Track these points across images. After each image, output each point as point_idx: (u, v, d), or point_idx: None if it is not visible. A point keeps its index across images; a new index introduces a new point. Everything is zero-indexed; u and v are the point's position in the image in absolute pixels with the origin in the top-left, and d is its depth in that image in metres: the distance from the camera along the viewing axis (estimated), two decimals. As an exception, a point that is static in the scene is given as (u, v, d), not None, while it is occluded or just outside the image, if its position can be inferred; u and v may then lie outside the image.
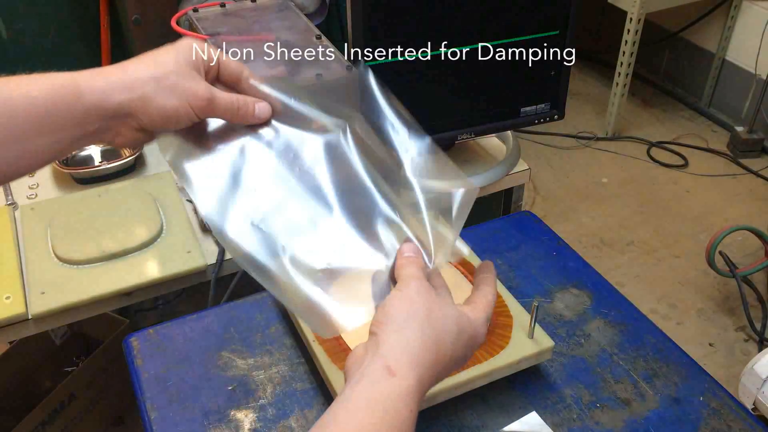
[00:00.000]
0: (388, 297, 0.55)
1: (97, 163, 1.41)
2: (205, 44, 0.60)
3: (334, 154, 0.64)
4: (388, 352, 0.52)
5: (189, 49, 0.59)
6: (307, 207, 0.61)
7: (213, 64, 0.61)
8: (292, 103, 0.64)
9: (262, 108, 0.62)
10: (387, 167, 0.65)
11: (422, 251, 0.60)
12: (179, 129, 0.61)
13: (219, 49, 0.62)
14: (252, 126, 0.63)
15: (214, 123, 0.63)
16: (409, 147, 0.68)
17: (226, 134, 0.62)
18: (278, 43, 1.20)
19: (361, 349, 0.54)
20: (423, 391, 0.53)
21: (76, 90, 0.55)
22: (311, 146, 0.64)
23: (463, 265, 1.01)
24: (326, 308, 0.57)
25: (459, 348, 0.56)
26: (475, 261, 1.01)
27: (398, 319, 0.53)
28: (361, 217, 0.62)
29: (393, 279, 0.59)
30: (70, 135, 0.56)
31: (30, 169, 0.58)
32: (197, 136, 0.62)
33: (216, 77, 0.62)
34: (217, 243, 1.18)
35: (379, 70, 1.22)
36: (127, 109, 0.57)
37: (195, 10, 1.29)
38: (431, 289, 0.57)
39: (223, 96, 0.60)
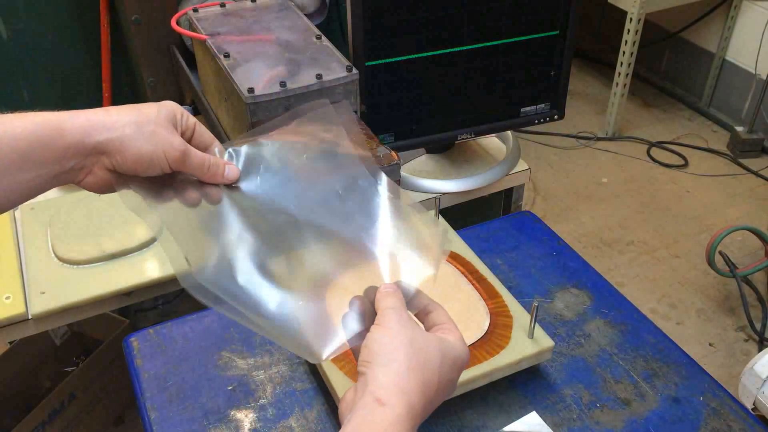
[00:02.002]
0: (369, 334, 0.56)
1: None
2: (184, 108, 0.64)
3: (307, 195, 0.67)
4: (377, 386, 0.53)
5: (171, 107, 0.62)
6: (283, 244, 0.64)
7: (189, 126, 0.64)
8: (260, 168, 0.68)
9: (231, 170, 0.65)
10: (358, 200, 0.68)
11: (401, 282, 0.62)
12: (145, 178, 0.62)
13: (195, 118, 0.65)
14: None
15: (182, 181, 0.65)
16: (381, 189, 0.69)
17: (193, 189, 0.65)
18: (278, 43, 1.20)
19: (351, 393, 0.55)
20: (415, 418, 0.53)
21: (58, 127, 0.57)
22: (285, 191, 0.67)
23: (464, 265, 1.01)
24: (305, 338, 0.59)
25: (445, 371, 0.56)
26: (476, 261, 1.01)
27: (382, 354, 0.54)
28: (339, 249, 0.65)
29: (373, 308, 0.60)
30: (50, 171, 0.57)
31: (10, 205, 0.59)
32: (160, 192, 0.64)
33: (189, 141, 0.64)
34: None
35: (379, 70, 1.22)
36: (105, 148, 0.58)
37: (195, 10, 1.29)
38: (411, 319, 0.58)
39: (197, 153, 0.63)
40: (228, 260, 0.62)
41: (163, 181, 0.64)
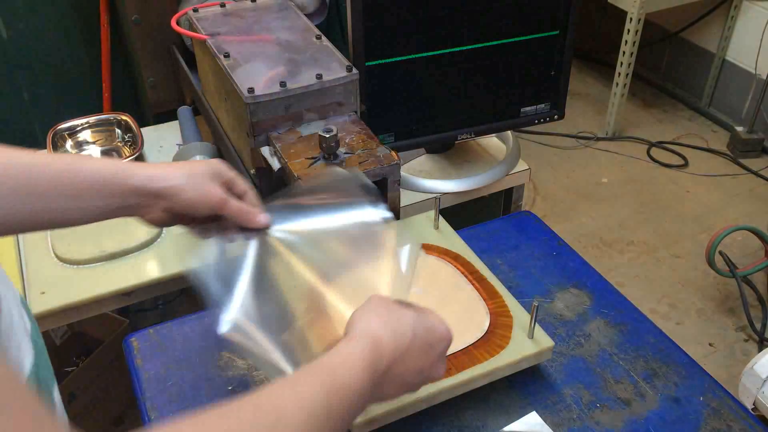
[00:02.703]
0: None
1: (97, 163, 1.41)
2: (226, 165, 0.79)
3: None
4: (350, 330, 0.65)
5: (216, 164, 0.78)
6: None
7: (229, 178, 0.79)
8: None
9: (263, 216, 0.80)
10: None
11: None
12: (192, 218, 0.79)
13: (234, 172, 0.81)
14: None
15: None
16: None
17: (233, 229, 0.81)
18: (278, 43, 1.20)
19: None
20: (380, 359, 0.62)
21: (130, 173, 0.73)
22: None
23: (464, 265, 1.01)
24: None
25: (420, 333, 0.66)
26: (476, 261, 1.01)
27: (360, 315, 0.66)
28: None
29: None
30: (116, 203, 0.73)
31: (82, 222, 0.74)
32: (206, 229, 0.81)
33: (230, 188, 0.79)
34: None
35: (380, 70, 1.22)
36: (163, 194, 0.74)
37: (195, 10, 1.29)
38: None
39: (234, 201, 0.78)
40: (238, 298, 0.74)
41: (208, 223, 0.81)
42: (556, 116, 1.42)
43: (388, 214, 0.81)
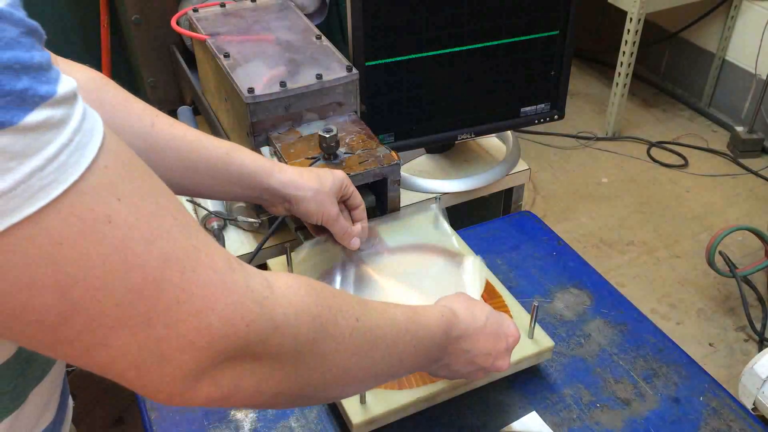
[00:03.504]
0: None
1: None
2: (347, 179, 0.93)
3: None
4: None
5: (341, 178, 0.91)
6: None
7: (349, 192, 0.93)
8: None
9: (355, 242, 0.95)
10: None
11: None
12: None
13: (354, 186, 0.95)
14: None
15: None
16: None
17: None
18: (278, 43, 1.20)
19: None
20: (452, 327, 0.69)
21: (270, 171, 0.86)
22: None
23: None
24: None
25: (492, 320, 0.75)
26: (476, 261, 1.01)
27: (444, 299, 0.77)
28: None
29: None
30: (249, 193, 0.87)
31: (223, 199, 1.07)
32: (318, 230, 0.97)
33: (347, 199, 0.94)
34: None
35: (380, 70, 1.22)
36: (290, 199, 0.87)
37: (195, 10, 1.29)
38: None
39: (342, 222, 0.92)
40: None
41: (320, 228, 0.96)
42: (556, 116, 1.42)
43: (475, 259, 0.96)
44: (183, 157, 0.80)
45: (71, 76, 0.39)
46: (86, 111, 0.39)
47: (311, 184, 0.87)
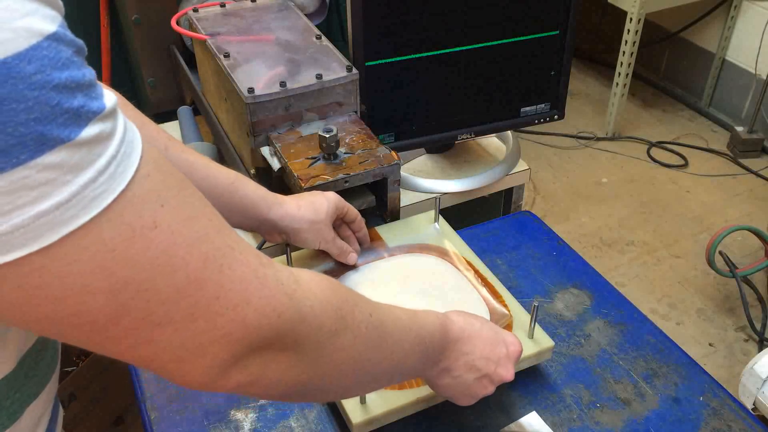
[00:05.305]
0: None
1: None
2: (338, 199, 0.95)
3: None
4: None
5: (334, 202, 0.94)
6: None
7: (344, 209, 0.96)
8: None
9: (351, 257, 0.98)
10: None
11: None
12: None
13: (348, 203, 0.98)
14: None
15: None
16: None
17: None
18: (278, 43, 1.20)
19: None
20: (449, 331, 0.71)
21: (270, 203, 0.90)
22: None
23: (464, 266, 1.00)
24: None
25: (487, 328, 0.76)
26: (476, 261, 1.01)
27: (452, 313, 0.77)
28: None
29: None
30: (252, 224, 0.91)
31: None
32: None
33: (344, 215, 0.97)
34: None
35: (380, 70, 1.22)
36: (287, 231, 0.92)
37: (195, 10, 1.29)
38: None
39: (338, 243, 0.96)
40: None
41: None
42: (556, 116, 1.42)
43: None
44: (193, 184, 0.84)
45: None
46: (126, 122, 0.42)
47: (307, 216, 0.92)
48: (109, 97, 0.40)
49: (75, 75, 0.38)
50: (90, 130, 0.38)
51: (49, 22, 0.37)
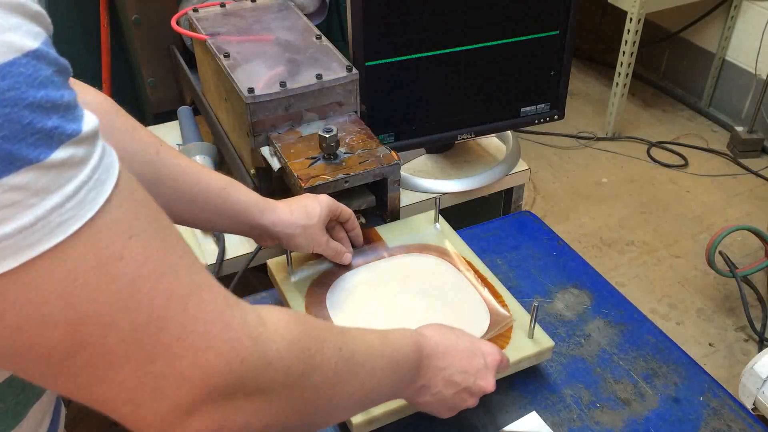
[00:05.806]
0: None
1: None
2: (333, 201, 0.95)
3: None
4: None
5: (327, 205, 0.93)
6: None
7: (337, 211, 0.96)
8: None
9: (347, 257, 0.98)
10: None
11: None
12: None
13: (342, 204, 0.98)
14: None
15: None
16: None
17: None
18: (278, 43, 1.20)
19: None
20: (425, 345, 0.70)
21: (262, 208, 0.89)
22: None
23: (464, 266, 1.00)
24: None
25: (463, 339, 0.76)
26: (476, 261, 1.01)
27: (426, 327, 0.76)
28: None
29: None
30: (244, 229, 0.90)
31: (216, 231, 1.15)
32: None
33: (337, 216, 0.97)
34: (217, 243, 1.18)
35: (380, 70, 1.22)
36: (279, 236, 0.91)
37: (195, 10, 1.29)
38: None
39: (332, 243, 0.96)
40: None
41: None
42: (556, 116, 1.42)
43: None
44: (184, 189, 0.83)
45: (83, 98, 0.40)
46: (105, 148, 0.40)
47: (300, 221, 0.91)
48: (90, 120, 0.39)
49: (52, 95, 0.36)
50: (61, 153, 0.36)
51: (32, 38, 0.36)
